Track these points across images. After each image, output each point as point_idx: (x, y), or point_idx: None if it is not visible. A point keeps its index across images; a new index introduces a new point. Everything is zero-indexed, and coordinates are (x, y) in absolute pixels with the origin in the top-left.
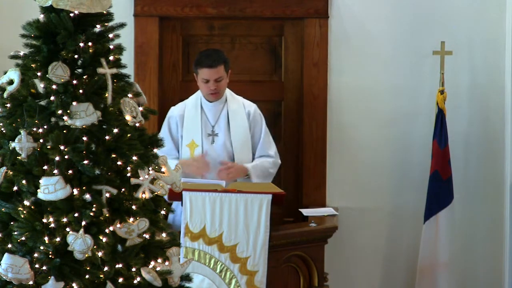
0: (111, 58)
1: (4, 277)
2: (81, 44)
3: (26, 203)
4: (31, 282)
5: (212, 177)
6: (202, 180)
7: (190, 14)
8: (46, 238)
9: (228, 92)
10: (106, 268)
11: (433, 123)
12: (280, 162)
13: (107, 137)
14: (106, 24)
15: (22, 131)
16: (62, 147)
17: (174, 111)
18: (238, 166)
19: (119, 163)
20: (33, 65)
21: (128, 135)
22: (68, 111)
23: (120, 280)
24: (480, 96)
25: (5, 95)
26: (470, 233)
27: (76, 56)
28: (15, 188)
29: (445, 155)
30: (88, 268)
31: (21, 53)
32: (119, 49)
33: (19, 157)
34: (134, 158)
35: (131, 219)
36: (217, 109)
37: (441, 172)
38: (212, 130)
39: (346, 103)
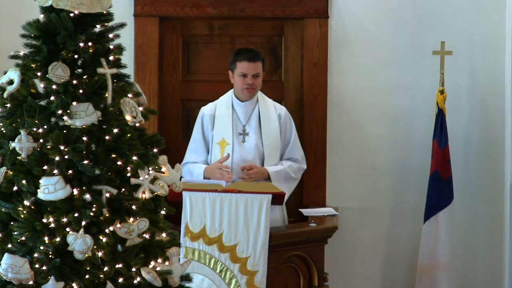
0: (111, 58)
1: (4, 277)
2: (81, 44)
3: (26, 203)
4: (31, 282)
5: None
6: (202, 180)
7: (190, 14)
8: (46, 238)
9: (259, 93)
10: (106, 268)
11: (433, 123)
12: (306, 167)
13: (107, 137)
14: (106, 24)
15: (22, 131)
16: (62, 147)
17: (205, 111)
18: (260, 169)
19: (119, 163)
20: (33, 65)
21: (128, 135)
22: (68, 111)
23: (120, 280)
24: (480, 96)
25: (5, 95)
26: (470, 233)
27: (76, 56)
28: (15, 188)
29: (445, 155)
30: (88, 268)
31: (21, 53)
32: (119, 49)
33: (19, 157)
34: (134, 158)
35: (131, 219)
36: (248, 109)
37: (441, 172)
38: (243, 129)
39: (346, 103)
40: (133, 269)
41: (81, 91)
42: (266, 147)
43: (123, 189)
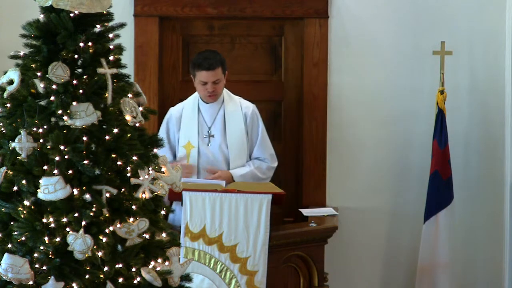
0: (111, 58)
1: (4, 277)
2: (81, 44)
3: (26, 203)
4: (31, 282)
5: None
6: (202, 180)
7: (190, 14)
8: (46, 238)
9: (225, 92)
10: (106, 268)
11: (433, 123)
12: (276, 164)
13: (107, 137)
14: (106, 24)
15: (22, 131)
16: (62, 147)
17: (172, 112)
18: (224, 173)
19: (119, 163)
20: (33, 65)
21: (128, 135)
22: (68, 111)
23: (120, 280)
24: (480, 96)
25: (5, 95)
26: (470, 233)
27: (76, 56)
28: (15, 188)
29: (445, 155)
30: (88, 268)
31: (21, 53)
32: (119, 49)
33: (19, 157)
34: (134, 158)
35: (131, 219)
36: (213, 110)
37: (441, 172)
38: (208, 131)
39: (346, 103)
40: (133, 269)
41: (81, 91)
42: (230, 149)
43: (123, 189)
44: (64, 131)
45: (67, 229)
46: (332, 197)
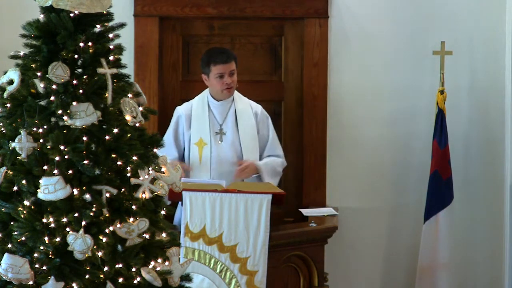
0: (111, 58)
1: (4, 277)
2: (81, 44)
3: (26, 203)
4: (31, 282)
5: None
6: (202, 180)
7: (190, 14)
8: (46, 238)
9: (235, 92)
10: (106, 268)
11: (433, 123)
12: (286, 164)
13: (107, 137)
14: (106, 24)
15: (22, 131)
16: (62, 147)
17: (181, 111)
18: (252, 166)
19: (119, 163)
20: (33, 65)
21: (128, 135)
22: (68, 111)
23: (120, 280)
24: (480, 96)
25: (5, 95)
26: (470, 233)
27: (76, 56)
28: (15, 188)
29: (445, 155)
30: (88, 268)
31: (21, 53)
32: (119, 49)
33: (19, 157)
34: (134, 158)
35: (131, 219)
36: (224, 108)
37: (441, 172)
38: (220, 128)
39: (346, 103)
40: (133, 269)
41: (81, 91)
42: (244, 145)
43: (123, 189)
44: (64, 131)
45: (67, 229)
46: (332, 197)
